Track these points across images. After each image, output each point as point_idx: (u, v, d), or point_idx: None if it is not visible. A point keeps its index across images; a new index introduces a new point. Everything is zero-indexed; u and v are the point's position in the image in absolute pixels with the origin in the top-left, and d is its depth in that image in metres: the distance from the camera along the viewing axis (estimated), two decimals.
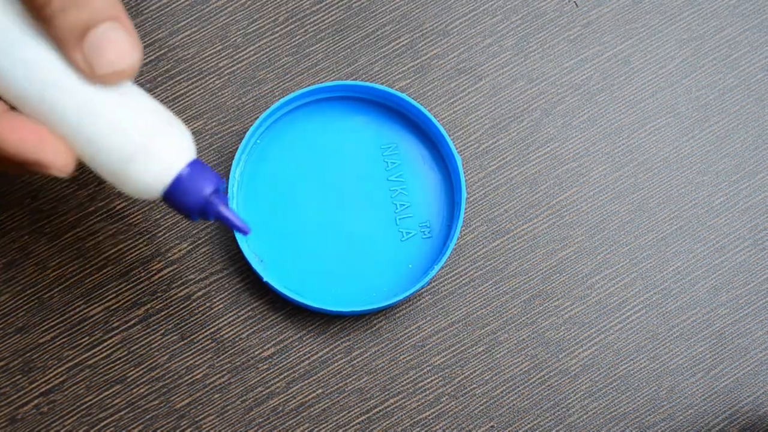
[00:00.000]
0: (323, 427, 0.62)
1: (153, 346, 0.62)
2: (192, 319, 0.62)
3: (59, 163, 0.47)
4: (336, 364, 0.62)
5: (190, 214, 0.51)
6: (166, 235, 0.63)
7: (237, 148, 0.62)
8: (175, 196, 0.51)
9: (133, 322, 0.62)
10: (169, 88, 0.64)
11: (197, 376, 0.62)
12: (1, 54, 0.47)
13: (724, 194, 0.64)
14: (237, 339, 0.62)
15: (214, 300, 0.62)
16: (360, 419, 0.62)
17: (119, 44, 0.46)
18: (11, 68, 0.46)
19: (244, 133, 0.64)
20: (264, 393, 0.62)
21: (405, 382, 0.62)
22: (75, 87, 0.47)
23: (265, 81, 0.64)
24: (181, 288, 0.62)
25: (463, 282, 0.63)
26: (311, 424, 0.62)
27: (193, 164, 0.51)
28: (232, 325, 0.62)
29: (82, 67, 0.46)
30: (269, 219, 0.61)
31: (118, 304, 0.62)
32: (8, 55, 0.46)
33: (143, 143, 0.49)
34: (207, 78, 0.64)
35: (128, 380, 0.62)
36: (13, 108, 0.49)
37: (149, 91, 0.64)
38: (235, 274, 0.63)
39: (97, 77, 0.47)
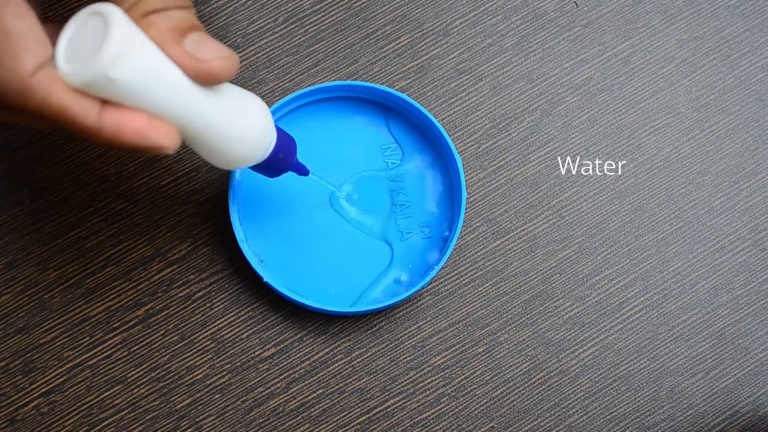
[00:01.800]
0: (323, 428, 0.62)
1: (153, 346, 0.62)
2: (192, 319, 0.62)
3: (172, 143, 0.49)
4: (336, 365, 0.62)
5: (278, 174, 0.56)
6: (167, 235, 0.63)
7: None
8: (273, 163, 0.55)
9: (133, 322, 0.62)
10: None
11: (198, 377, 0.62)
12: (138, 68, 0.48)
13: (725, 194, 0.64)
14: (237, 339, 0.62)
15: (215, 300, 0.62)
16: (360, 420, 0.62)
17: (216, 43, 0.48)
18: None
19: None
20: (264, 393, 0.62)
21: (405, 382, 0.62)
22: (187, 86, 0.49)
23: (265, 81, 0.64)
24: (181, 288, 0.62)
25: (464, 282, 0.63)
26: (311, 424, 0.62)
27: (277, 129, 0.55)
28: (233, 325, 0.62)
29: (185, 59, 0.48)
30: (269, 219, 0.61)
31: (118, 305, 0.62)
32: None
33: (259, 126, 0.52)
34: None
35: (129, 381, 0.62)
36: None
37: None
38: (235, 274, 0.63)
39: (202, 64, 0.47)
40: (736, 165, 0.65)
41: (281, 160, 0.55)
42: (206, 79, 0.48)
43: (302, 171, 0.58)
